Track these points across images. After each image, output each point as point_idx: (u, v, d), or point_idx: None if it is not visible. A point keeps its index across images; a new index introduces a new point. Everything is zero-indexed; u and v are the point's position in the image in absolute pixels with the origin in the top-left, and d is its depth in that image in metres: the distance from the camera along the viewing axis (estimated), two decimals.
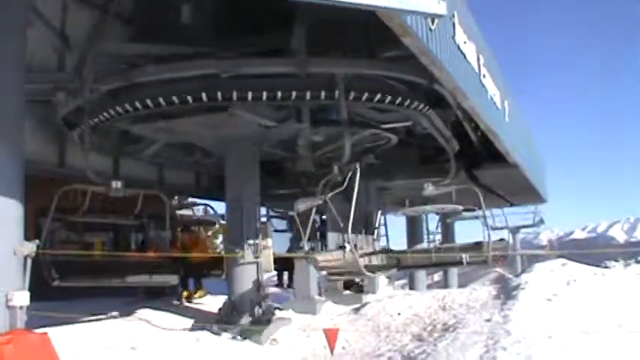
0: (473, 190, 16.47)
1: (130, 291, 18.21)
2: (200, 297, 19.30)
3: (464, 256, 14.81)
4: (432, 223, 28.35)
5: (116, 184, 14.54)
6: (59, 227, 15.91)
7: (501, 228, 39.11)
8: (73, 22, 13.68)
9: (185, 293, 19.17)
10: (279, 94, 12.92)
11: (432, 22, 10.47)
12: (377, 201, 20.97)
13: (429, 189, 15.50)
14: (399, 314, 15.69)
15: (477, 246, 16.25)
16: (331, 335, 11.55)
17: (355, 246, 13.16)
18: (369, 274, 13.36)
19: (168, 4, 13.99)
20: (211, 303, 17.88)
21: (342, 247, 14.29)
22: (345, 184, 13.48)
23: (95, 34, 13.78)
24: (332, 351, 11.59)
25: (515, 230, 41.88)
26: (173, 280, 16.46)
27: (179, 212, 24.17)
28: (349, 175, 13.66)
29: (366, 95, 13.42)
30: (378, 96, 13.49)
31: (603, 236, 63.31)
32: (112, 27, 14.03)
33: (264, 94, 12.88)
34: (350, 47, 13.67)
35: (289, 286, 23.18)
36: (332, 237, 16.96)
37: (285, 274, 24.41)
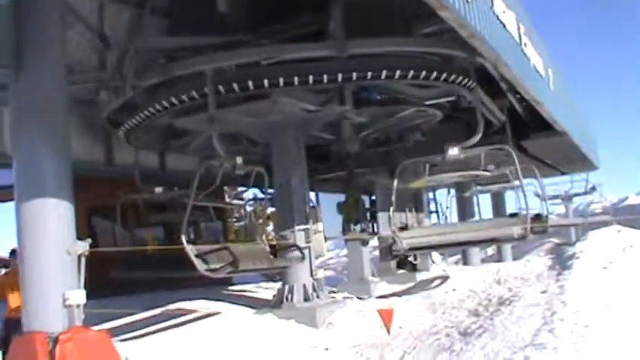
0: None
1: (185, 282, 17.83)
2: None
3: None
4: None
5: (240, 160, 13.97)
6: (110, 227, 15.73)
7: (555, 197, 38.83)
8: (110, 20, 13.76)
9: None
10: (322, 77, 12.88)
11: None
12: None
13: (453, 152, 14.71)
14: (454, 290, 15.64)
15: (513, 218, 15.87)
16: (386, 316, 11.55)
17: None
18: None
19: None
20: (265, 290, 17.97)
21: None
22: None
23: (133, 30, 13.87)
24: (388, 331, 11.59)
25: (567, 199, 41.37)
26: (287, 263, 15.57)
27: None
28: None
29: (408, 73, 13.28)
30: (420, 73, 13.34)
31: None
32: (149, 22, 14.09)
33: (306, 78, 12.84)
34: (388, 25, 13.58)
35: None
36: (382, 217, 16.87)
37: None
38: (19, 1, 8.38)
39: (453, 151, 14.22)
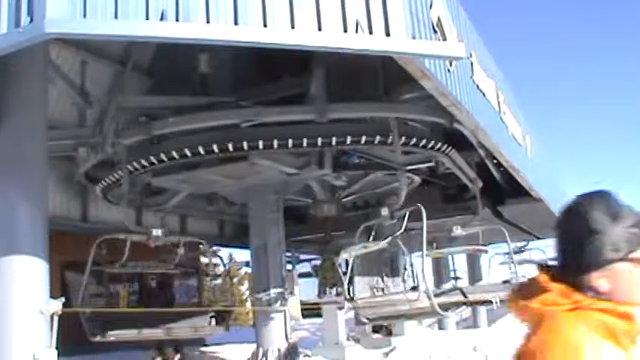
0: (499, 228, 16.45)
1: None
2: None
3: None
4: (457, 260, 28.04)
5: (157, 232, 14.26)
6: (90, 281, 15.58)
7: (530, 262, 38.78)
8: (92, 77, 13.72)
9: None
10: (300, 140, 12.88)
11: (451, 64, 10.40)
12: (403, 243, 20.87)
13: (457, 231, 15.64)
14: (430, 358, 15.50)
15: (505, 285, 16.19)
16: None
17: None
18: None
19: (187, 54, 13.99)
20: (238, 352, 17.72)
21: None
22: (403, 227, 13.39)
23: (114, 88, 13.84)
24: None
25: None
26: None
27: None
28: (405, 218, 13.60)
29: (387, 138, 13.32)
30: (400, 139, 13.39)
31: None
32: (131, 79, 14.08)
33: (285, 141, 12.85)
34: (369, 90, 13.63)
35: None
36: (359, 281, 16.79)
37: None
38: (4, 55, 8.35)
39: (458, 230, 15.71)
